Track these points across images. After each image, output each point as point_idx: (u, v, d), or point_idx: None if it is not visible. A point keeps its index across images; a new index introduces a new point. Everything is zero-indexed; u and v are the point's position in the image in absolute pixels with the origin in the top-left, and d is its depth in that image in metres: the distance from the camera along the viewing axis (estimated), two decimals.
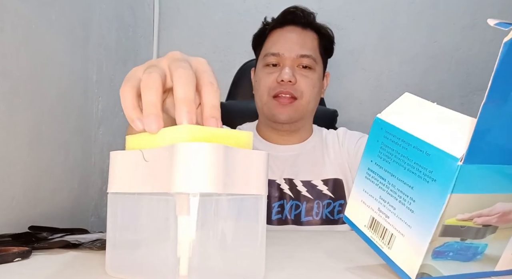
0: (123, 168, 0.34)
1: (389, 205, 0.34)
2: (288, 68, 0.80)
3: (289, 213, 0.81)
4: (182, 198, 0.30)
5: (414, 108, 0.34)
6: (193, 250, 0.29)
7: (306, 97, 0.82)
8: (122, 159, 0.34)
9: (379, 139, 0.35)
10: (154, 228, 0.33)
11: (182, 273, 0.30)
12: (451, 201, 0.29)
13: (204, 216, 0.30)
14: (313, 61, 0.83)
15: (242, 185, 0.31)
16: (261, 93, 0.84)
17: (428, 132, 0.31)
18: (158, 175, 0.31)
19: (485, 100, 0.26)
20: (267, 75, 0.84)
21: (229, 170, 0.30)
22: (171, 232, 0.30)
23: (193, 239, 0.29)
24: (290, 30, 0.85)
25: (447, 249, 0.31)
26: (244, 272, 0.33)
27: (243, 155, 0.32)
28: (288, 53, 0.82)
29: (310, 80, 0.83)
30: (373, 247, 0.35)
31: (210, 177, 0.29)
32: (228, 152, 0.30)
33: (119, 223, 0.35)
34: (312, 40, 0.86)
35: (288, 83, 0.80)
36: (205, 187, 0.28)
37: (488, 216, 0.31)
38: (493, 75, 0.25)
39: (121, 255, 0.35)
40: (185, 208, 0.29)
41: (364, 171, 0.37)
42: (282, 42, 0.84)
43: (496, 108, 0.27)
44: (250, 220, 0.33)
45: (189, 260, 0.29)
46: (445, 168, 0.29)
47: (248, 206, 0.33)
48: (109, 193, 0.35)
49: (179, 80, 0.33)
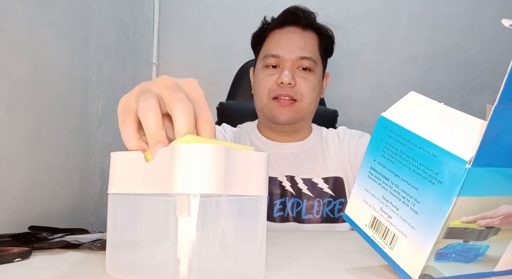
0: (123, 168, 0.34)
1: (392, 205, 0.33)
2: (288, 70, 0.80)
3: (291, 210, 0.81)
4: (182, 199, 0.30)
5: (420, 108, 0.34)
6: (193, 250, 0.29)
7: (306, 99, 0.82)
8: (122, 159, 0.34)
9: (383, 138, 0.35)
10: (154, 229, 0.33)
11: (182, 274, 0.30)
12: (457, 204, 0.28)
13: (204, 217, 0.30)
14: (313, 63, 0.83)
15: (242, 186, 0.31)
16: (261, 94, 0.84)
17: (435, 133, 0.30)
18: (159, 175, 0.31)
19: (496, 103, 0.25)
20: (266, 77, 0.83)
21: (230, 171, 0.30)
22: (171, 232, 0.30)
23: (193, 239, 0.29)
24: (290, 31, 0.85)
25: (450, 250, 0.31)
26: (244, 273, 0.33)
27: (243, 155, 0.32)
28: (288, 55, 0.82)
29: (310, 83, 0.82)
30: (374, 246, 0.35)
31: (211, 177, 0.29)
32: (229, 153, 0.30)
33: (119, 224, 0.35)
34: (312, 41, 0.85)
35: (287, 86, 0.80)
36: (206, 188, 0.28)
37: (491, 218, 0.31)
38: (506, 77, 0.25)
39: (121, 256, 0.35)
40: (185, 208, 0.29)
41: (367, 170, 0.37)
42: (282, 44, 0.83)
43: (507, 111, 0.26)
44: (250, 221, 0.34)
45: (189, 261, 0.29)
46: (452, 170, 0.28)
47: (248, 207, 0.33)
48: (110, 193, 0.35)
49: (181, 116, 0.32)
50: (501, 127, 0.27)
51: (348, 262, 0.42)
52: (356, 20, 1.52)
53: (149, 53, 1.46)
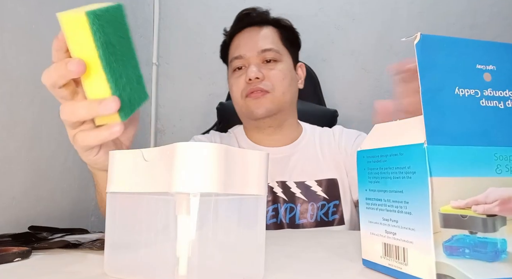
0: (122, 167, 0.34)
1: (392, 221, 0.35)
2: (253, 65, 0.81)
3: (284, 216, 0.81)
4: (182, 198, 0.30)
5: (383, 132, 0.39)
6: (192, 249, 0.29)
7: (279, 88, 0.82)
8: (121, 158, 0.34)
9: (365, 167, 0.39)
10: (153, 228, 0.33)
11: (181, 273, 0.29)
12: (435, 186, 0.30)
13: (203, 216, 0.30)
14: (277, 54, 0.84)
15: (242, 185, 0.31)
16: (235, 97, 0.86)
17: (395, 140, 0.35)
18: (158, 174, 0.31)
19: (421, 89, 0.31)
20: (236, 80, 0.85)
21: (229, 170, 0.30)
22: (170, 231, 0.30)
23: (192, 238, 0.29)
24: (248, 31, 0.86)
25: (459, 244, 0.30)
26: (244, 272, 0.33)
27: (243, 154, 0.32)
28: (250, 53, 0.83)
29: (278, 72, 0.83)
30: (394, 273, 0.35)
31: (210, 177, 0.29)
32: (228, 152, 0.30)
33: (118, 223, 0.35)
34: (271, 34, 0.86)
35: (256, 81, 0.81)
36: (205, 187, 0.29)
37: (486, 203, 0.31)
38: (418, 71, 0.31)
39: (120, 255, 0.35)
40: (185, 207, 0.29)
41: (364, 203, 0.39)
42: (242, 44, 0.85)
43: (436, 94, 0.31)
44: (249, 220, 0.34)
45: (189, 260, 0.29)
46: (416, 157, 0.31)
47: (248, 206, 0.33)
48: (108, 192, 0.35)
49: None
50: (438, 109, 0.31)
51: (348, 262, 0.42)
52: (356, 20, 1.52)
53: (149, 53, 1.46)
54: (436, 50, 0.33)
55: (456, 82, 0.32)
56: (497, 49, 0.34)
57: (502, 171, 0.32)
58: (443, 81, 0.32)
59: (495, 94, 0.33)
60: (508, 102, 0.33)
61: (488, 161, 0.32)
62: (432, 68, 0.32)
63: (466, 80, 0.33)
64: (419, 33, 0.32)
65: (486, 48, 0.34)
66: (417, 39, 0.32)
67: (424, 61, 0.32)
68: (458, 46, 0.34)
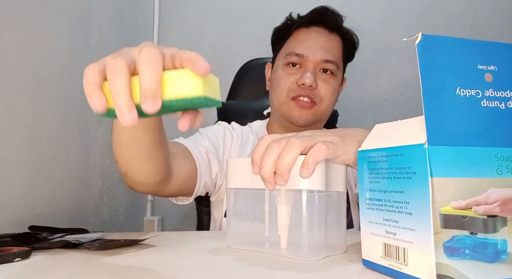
0: (239, 170, 0.48)
1: (392, 221, 0.34)
2: (310, 72, 0.79)
3: None
4: (280, 192, 0.44)
5: (383, 132, 0.39)
6: (289, 230, 0.44)
7: (326, 102, 0.81)
8: (238, 163, 0.49)
9: (365, 167, 0.39)
10: (261, 214, 0.47)
11: (282, 246, 0.44)
12: (435, 186, 0.30)
13: (301, 206, 0.42)
14: (336, 67, 0.82)
15: (332, 184, 0.44)
16: (280, 93, 0.82)
17: (396, 140, 0.35)
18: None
19: (422, 89, 0.32)
20: (287, 76, 0.81)
21: (327, 173, 0.43)
22: (272, 216, 0.46)
23: (289, 222, 0.44)
24: (316, 32, 0.83)
25: (460, 244, 0.30)
26: (331, 246, 0.45)
27: (331, 162, 0.44)
28: (312, 56, 0.80)
29: (330, 87, 0.81)
30: (394, 274, 0.35)
31: (318, 178, 0.42)
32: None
33: (235, 210, 0.50)
34: (337, 45, 0.84)
35: (309, 88, 0.79)
36: (313, 185, 0.42)
37: (486, 204, 0.31)
38: (419, 71, 0.32)
39: (237, 233, 0.50)
40: (283, 199, 0.44)
41: (364, 203, 0.39)
42: (307, 44, 0.81)
43: (437, 94, 0.32)
44: (334, 210, 0.45)
45: (287, 238, 0.44)
46: (417, 157, 0.31)
47: (333, 199, 0.45)
48: (227, 188, 0.50)
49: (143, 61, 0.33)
50: (439, 109, 0.31)
51: (348, 261, 0.42)
52: (356, 20, 1.52)
53: None
54: (438, 51, 0.33)
55: (457, 83, 0.32)
56: (498, 49, 0.34)
57: (503, 172, 0.32)
58: (444, 81, 0.32)
59: (496, 95, 0.33)
60: (509, 103, 0.33)
61: (489, 161, 0.32)
62: (433, 68, 0.32)
63: (467, 81, 0.33)
64: (421, 33, 0.32)
65: (488, 48, 0.34)
66: (419, 39, 0.32)
67: (425, 62, 0.32)
68: (459, 46, 0.34)
